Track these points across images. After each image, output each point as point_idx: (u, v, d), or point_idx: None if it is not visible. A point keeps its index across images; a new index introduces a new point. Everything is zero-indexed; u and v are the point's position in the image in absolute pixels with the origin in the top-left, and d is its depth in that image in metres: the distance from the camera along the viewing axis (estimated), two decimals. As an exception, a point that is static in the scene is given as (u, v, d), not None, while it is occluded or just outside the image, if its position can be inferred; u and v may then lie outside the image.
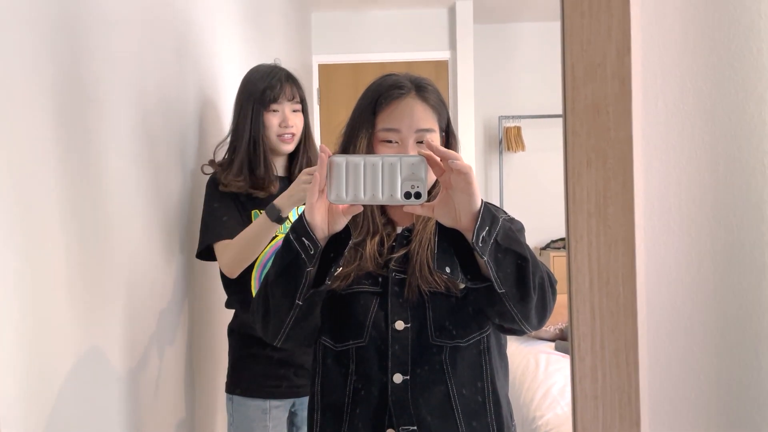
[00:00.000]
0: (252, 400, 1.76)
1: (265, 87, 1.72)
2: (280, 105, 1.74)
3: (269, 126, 1.73)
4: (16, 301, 1.01)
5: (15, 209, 1.02)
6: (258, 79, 1.75)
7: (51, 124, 1.13)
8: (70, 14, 1.20)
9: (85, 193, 1.25)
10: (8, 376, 0.98)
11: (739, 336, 0.69)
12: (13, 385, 1.00)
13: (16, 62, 1.03)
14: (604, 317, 0.65)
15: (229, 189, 1.71)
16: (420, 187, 0.94)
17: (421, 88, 1.17)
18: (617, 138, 0.63)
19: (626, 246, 0.64)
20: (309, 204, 0.99)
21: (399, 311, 1.14)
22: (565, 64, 0.63)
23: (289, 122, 1.75)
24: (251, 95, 1.73)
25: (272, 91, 1.72)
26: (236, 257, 1.64)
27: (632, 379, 0.66)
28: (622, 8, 0.62)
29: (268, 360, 1.76)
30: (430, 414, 1.12)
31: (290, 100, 1.75)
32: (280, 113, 1.74)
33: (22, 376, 1.02)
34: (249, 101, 1.73)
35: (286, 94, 1.74)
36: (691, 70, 0.67)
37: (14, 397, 1.00)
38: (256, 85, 1.74)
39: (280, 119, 1.74)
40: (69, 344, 1.18)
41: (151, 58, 1.60)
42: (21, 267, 1.03)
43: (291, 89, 1.76)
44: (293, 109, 1.76)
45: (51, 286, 1.12)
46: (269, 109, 1.73)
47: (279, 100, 1.73)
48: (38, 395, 1.08)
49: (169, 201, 1.71)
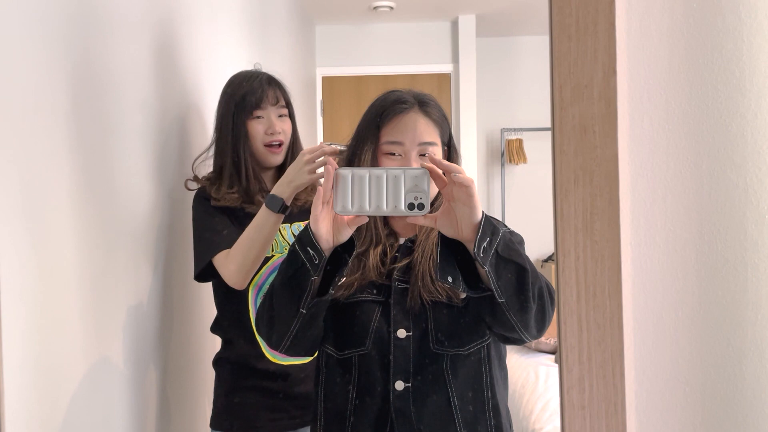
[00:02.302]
0: None
1: (246, 92, 1.57)
2: (264, 111, 1.58)
3: (254, 135, 1.57)
4: (23, 306, 1.04)
5: (24, 212, 1.05)
6: (237, 85, 1.60)
7: (61, 126, 1.16)
8: (78, 26, 1.23)
9: (94, 196, 1.28)
10: (15, 377, 1.01)
11: (723, 347, 0.71)
12: (18, 386, 1.02)
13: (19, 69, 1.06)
14: (591, 329, 0.67)
15: (223, 203, 1.55)
16: (423, 199, 0.97)
17: (423, 104, 1.21)
18: (603, 156, 0.66)
19: (612, 260, 0.67)
20: (314, 215, 1.02)
21: (401, 320, 1.17)
22: (553, 84, 0.66)
23: (276, 128, 1.59)
24: (231, 103, 1.58)
25: (254, 95, 1.56)
26: (242, 263, 1.47)
27: (618, 390, 0.68)
28: (607, 32, 0.65)
29: (264, 392, 1.60)
30: (430, 421, 1.15)
31: (274, 105, 1.60)
32: (265, 119, 1.58)
33: (28, 378, 1.05)
34: (229, 109, 1.57)
35: (269, 98, 1.58)
36: (676, 91, 0.70)
37: (19, 398, 1.02)
38: (236, 91, 1.58)
39: (266, 126, 1.58)
40: (75, 348, 1.20)
41: (153, 71, 1.62)
42: (29, 270, 1.06)
43: (274, 93, 1.60)
44: (279, 114, 1.61)
45: (59, 289, 1.15)
46: (252, 116, 1.57)
47: (262, 105, 1.57)
48: (44, 396, 1.10)
49: (162, 210, 1.72)
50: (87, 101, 1.27)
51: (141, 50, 1.54)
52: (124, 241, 1.44)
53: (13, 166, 1.03)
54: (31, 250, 1.07)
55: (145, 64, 1.57)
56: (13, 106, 1.03)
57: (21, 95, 1.05)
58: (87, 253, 1.26)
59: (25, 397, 1.04)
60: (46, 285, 1.11)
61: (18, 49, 1.04)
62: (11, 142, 1.02)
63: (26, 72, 1.07)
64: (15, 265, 1.02)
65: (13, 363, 1.00)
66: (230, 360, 1.63)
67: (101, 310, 1.33)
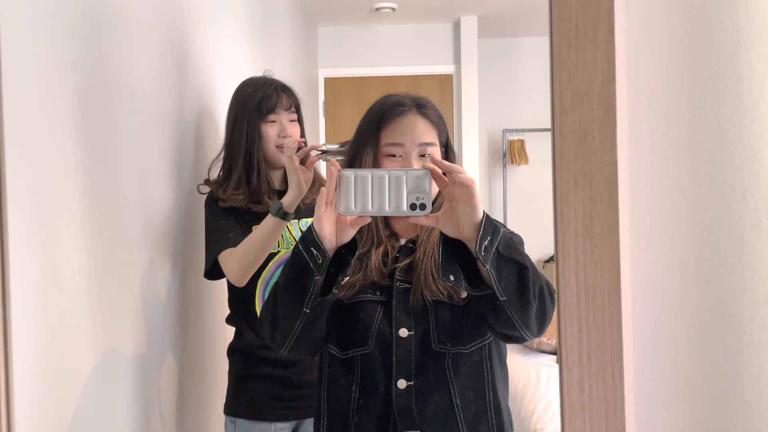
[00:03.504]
0: (257, 423, 1.70)
1: (262, 97, 1.69)
2: (277, 115, 1.71)
3: (267, 137, 1.69)
4: (33, 313, 1.05)
5: (34, 215, 1.06)
6: (252, 90, 1.71)
7: (70, 129, 1.18)
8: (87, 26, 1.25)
9: (101, 199, 1.30)
10: (25, 379, 1.02)
11: (722, 349, 0.72)
12: (29, 388, 1.03)
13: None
14: (591, 331, 0.68)
15: (229, 204, 1.66)
16: (425, 199, 0.99)
17: (421, 106, 1.23)
18: (603, 161, 0.67)
19: (612, 263, 0.68)
20: (317, 215, 1.04)
21: (403, 319, 1.18)
22: (553, 90, 0.67)
23: (288, 132, 1.71)
24: (246, 106, 1.69)
25: (269, 101, 1.69)
26: (243, 262, 1.58)
27: (618, 391, 0.69)
28: (607, 38, 0.66)
29: (273, 380, 1.70)
30: (433, 419, 1.16)
31: (287, 110, 1.72)
32: (277, 124, 1.71)
33: (38, 380, 1.06)
34: (244, 113, 1.69)
35: (283, 104, 1.71)
36: (675, 96, 0.71)
37: (29, 401, 1.03)
38: (251, 96, 1.70)
39: (278, 130, 1.70)
40: (84, 351, 1.22)
41: (156, 72, 1.63)
42: (39, 273, 1.07)
43: (287, 99, 1.72)
44: (290, 119, 1.73)
45: (68, 293, 1.16)
46: (266, 120, 1.70)
47: (276, 110, 1.70)
48: (53, 398, 1.11)
49: (170, 210, 1.74)
50: (103, 105, 1.29)
51: (149, 52, 1.56)
52: (143, 241, 1.51)
53: (28, 169, 1.04)
54: (41, 248, 1.08)
55: (153, 65, 1.60)
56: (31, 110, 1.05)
57: (37, 99, 1.07)
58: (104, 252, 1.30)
59: (35, 400, 1.05)
60: (55, 292, 1.13)
61: (31, 53, 1.06)
62: (28, 144, 1.04)
63: (42, 77, 1.08)
64: (26, 262, 1.03)
65: (25, 354, 1.01)
66: (240, 350, 1.74)
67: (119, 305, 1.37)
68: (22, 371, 1.01)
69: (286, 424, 1.72)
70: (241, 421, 1.71)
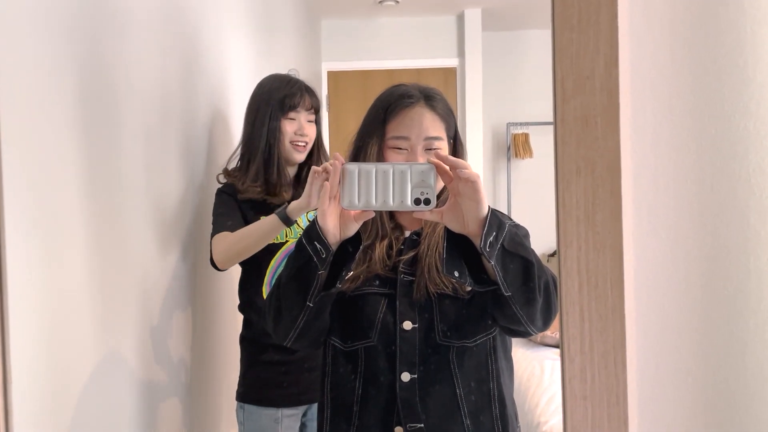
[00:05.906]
0: (264, 409, 1.75)
1: (286, 94, 1.76)
2: (297, 113, 1.77)
3: (285, 132, 1.76)
4: (34, 312, 1.05)
5: (35, 214, 1.06)
6: (277, 86, 1.78)
7: (71, 130, 1.17)
8: (86, 21, 1.24)
9: (104, 197, 1.30)
10: (25, 377, 1.02)
11: (726, 338, 0.71)
12: (28, 386, 1.03)
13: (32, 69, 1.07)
14: (593, 320, 0.68)
15: (247, 195, 1.72)
16: (429, 194, 0.98)
17: (429, 98, 1.20)
18: (605, 147, 0.66)
19: (614, 251, 0.67)
20: (321, 209, 1.03)
21: (407, 312, 1.17)
22: (555, 76, 0.66)
23: (305, 131, 1.78)
24: (269, 102, 1.76)
25: (292, 99, 1.76)
26: (232, 248, 1.64)
27: (620, 380, 0.68)
28: (609, 23, 0.65)
29: (280, 367, 1.76)
30: (436, 412, 1.16)
31: (308, 110, 1.79)
32: (296, 122, 1.77)
33: (38, 379, 1.06)
34: (267, 107, 1.75)
35: (305, 104, 1.78)
36: (679, 81, 0.70)
37: (29, 398, 1.03)
38: (275, 91, 1.77)
39: (296, 127, 1.77)
40: (86, 347, 1.22)
41: (160, 65, 1.63)
42: (40, 270, 1.07)
43: (309, 99, 1.79)
44: (309, 119, 1.80)
45: (69, 290, 1.16)
46: (287, 117, 1.76)
47: (298, 108, 1.77)
48: (54, 395, 1.11)
49: (174, 206, 1.74)
50: (105, 101, 1.29)
51: (152, 46, 1.57)
52: (154, 234, 1.55)
53: (27, 164, 1.04)
54: (43, 253, 1.08)
55: (156, 58, 1.60)
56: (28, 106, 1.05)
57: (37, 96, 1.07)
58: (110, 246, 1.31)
59: (35, 397, 1.05)
60: (57, 288, 1.13)
61: (31, 53, 1.05)
62: (26, 140, 1.04)
63: (44, 74, 1.08)
64: (27, 267, 1.03)
65: (24, 364, 1.01)
66: (249, 337, 1.81)
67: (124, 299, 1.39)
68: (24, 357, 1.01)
69: (294, 410, 1.77)
70: (250, 406, 1.76)
